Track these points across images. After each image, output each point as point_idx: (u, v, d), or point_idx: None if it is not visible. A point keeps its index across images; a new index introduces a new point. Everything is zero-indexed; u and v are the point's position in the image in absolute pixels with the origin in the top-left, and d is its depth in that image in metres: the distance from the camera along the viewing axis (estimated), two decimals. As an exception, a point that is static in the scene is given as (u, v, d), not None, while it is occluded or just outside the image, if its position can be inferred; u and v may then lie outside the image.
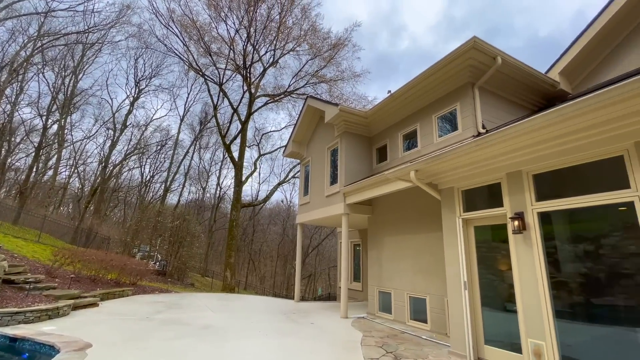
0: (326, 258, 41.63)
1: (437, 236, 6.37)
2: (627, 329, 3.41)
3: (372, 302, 8.44)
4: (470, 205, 5.19)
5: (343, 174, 8.77)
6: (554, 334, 3.83)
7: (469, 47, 5.67)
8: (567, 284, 3.98)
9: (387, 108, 8.24)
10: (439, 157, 4.92)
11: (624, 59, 6.20)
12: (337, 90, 20.71)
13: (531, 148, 4.09)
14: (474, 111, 6.09)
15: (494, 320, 4.80)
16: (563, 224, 4.11)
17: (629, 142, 3.36)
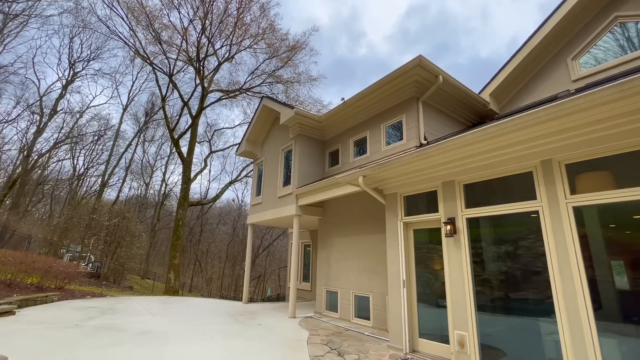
0: (277, 259, 41.39)
1: (381, 238, 6.79)
2: (534, 319, 3.99)
3: (319, 301, 8.68)
4: (411, 210, 5.66)
5: (296, 176, 8.90)
6: (475, 325, 4.36)
7: (415, 64, 6.18)
8: (489, 281, 4.55)
9: (340, 114, 8.56)
10: (384, 164, 5.29)
11: (539, 87, 7.26)
12: (294, 92, 20.83)
13: (462, 161, 4.61)
14: (417, 123, 6.63)
15: (428, 315, 5.29)
16: (488, 228, 4.69)
17: (536, 160, 3.98)
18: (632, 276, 3.61)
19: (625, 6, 6.28)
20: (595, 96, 3.04)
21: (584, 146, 3.60)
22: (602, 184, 3.61)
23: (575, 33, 6.87)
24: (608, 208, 3.59)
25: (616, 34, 6.48)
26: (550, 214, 3.79)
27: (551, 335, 3.73)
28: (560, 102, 3.27)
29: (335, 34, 74.22)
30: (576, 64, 6.80)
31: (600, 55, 6.65)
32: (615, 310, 3.56)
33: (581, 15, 6.72)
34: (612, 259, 3.75)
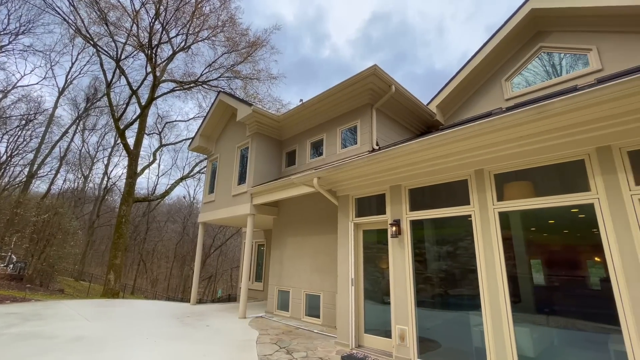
0: (229, 258, 40.21)
1: (334, 238, 7.00)
2: (465, 312, 4.40)
3: (271, 300, 8.67)
4: (361, 211, 5.93)
5: (252, 174, 8.79)
6: (415, 320, 4.71)
7: (370, 73, 6.48)
8: (430, 278, 4.93)
9: (299, 115, 8.64)
10: (338, 167, 5.48)
11: (479, 103, 8.05)
12: (253, 89, 20.46)
13: (408, 167, 4.95)
14: (371, 129, 6.96)
15: (374, 312, 5.58)
16: (430, 230, 5.08)
17: (471, 169, 4.42)
18: (547, 273, 4.18)
19: (548, 39, 7.23)
20: (518, 116, 3.48)
21: (510, 159, 4.09)
22: (524, 193, 4.12)
23: (508, 57, 7.73)
24: (529, 214, 4.10)
25: (543, 61, 7.40)
26: (480, 218, 4.23)
27: (478, 327, 4.16)
28: (490, 119, 3.69)
29: (300, 33, 74.34)
30: (509, 85, 7.65)
31: (530, 78, 7.55)
32: (531, 302, 4.09)
33: (513, 42, 7.60)
34: (531, 259, 4.30)
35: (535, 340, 3.85)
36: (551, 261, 4.19)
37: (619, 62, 6.09)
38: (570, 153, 3.64)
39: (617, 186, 3.27)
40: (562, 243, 4.10)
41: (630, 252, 3.10)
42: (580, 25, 6.76)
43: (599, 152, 3.42)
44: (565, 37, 6.99)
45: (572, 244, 3.94)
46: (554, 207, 3.78)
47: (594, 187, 3.42)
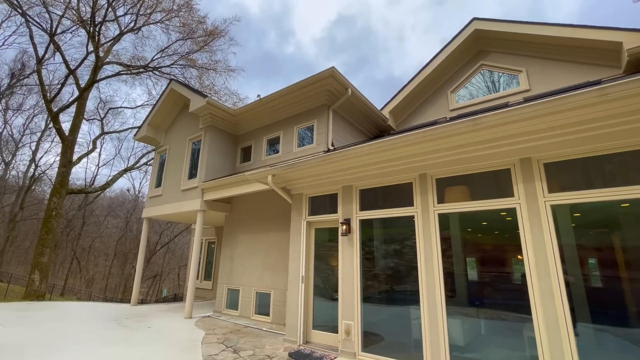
0: (177, 256, 38.15)
1: (286, 236, 7.01)
2: (407, 307, 4.69)
3: (220, 299, 8.44)
4: (314, 210, 6.02)
5: (204, 169, 8.45)
6: (360, 315, 4.91)
7: (328, 74, 6.61)
8: (377, 275, 5.17)
9: (256, 111, 8.50)
10: (292, 166, 5.51)
11: (427, 111, 8.63)
12: (209, 80, 19.59)
13: (360, 168, 5.15)
14: (327, 129, 7.09)
15: (323, 308, 5.71)
16: (379, 229, 5.33)
17: (416, 173, 4.73)
18: (480, 270, 4.62)
19: (488, 58, 7.99)
20: (457, 126, 3.80)
21: (450, 165, 4.45)
22: (462, 196, 4.51)
23: (454, 71, 8.40)
24: (465, 216, 4.50)
25: (485, 77, 8.13)
26: (422, 219, 4.55)
27: (417, 320, 4.46)
28: (433, 127, 3.99)
29: (265, 26, 72.82)
30: (454, 97, 8.31)
31: (472, 92, 8.25)
32: (464, 297, 4.49)
33: (459, 58, 8.28)
34: (467, 257, 4.72)
35: (466, 331, 4.25)
36: (483, 259, 4.65)
37: (544, 84, 6.95)
38: (500, 162, 4.07)
39: (534, 193, 3.73)
40: (493, 243, 4.57)
41: (542, 250, 3.57)
42: (514, 48, 7.58)
43: (522, 162, 3.88)
44: (502, 57, 7.77)
45: (501, 244, 4.41)
46: (486, 210, 4.19)
47: (517, 193, 3.87)
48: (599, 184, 3.51)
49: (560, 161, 3.71)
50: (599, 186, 3.49)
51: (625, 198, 3.32)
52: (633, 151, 3.33)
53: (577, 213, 3.71)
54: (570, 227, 3.70)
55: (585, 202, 3.52)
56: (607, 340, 3.36)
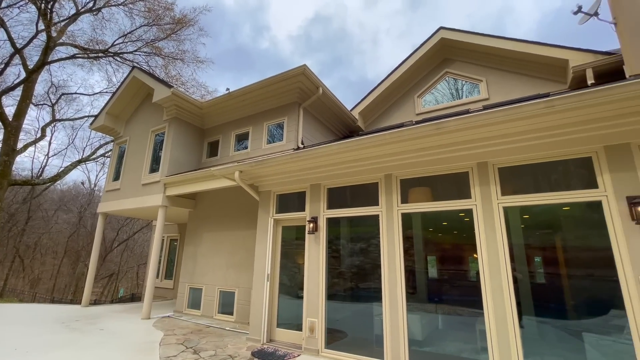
0: (137, 254, 36.12)
1: (252, 234, 6.91)
2: (370, 304, 4.79)
3: (181, 299, 8.13)
4: (282, 207, 5.99)
5: (167, 162, 8.08)
6: (324, 312, 4.96)
7: (300, 72, 6.59)
8: (343, 273, 5.25)
9: (224, 105, 8.27)
10: (261, 162, 5.43)
11: (395, 114, 8.90)
12: (175, 71, 18.71)
13: (328, 167, 5.19)
14: (297, 127, 7.07)
15: (288, 306, 5.70)
16: (346, 228, 5.40)
17: (382, 174, 4.86)
18: (440, 268, 4.84)
19: (453, 66, 8.39)
20: (421, 129, 3.96)
21: (414, 167, 4.62)
22: (424, 197, 4.70)
23: (421, 77, 8.73)
24: (427, 215, 4.69)
25: (450, 84, 8.52)
26: (387, 218, 4.69)
27: (379, 316, 4.59)
28: (399, 130, 4.12)
29: (239, 19, 70.82)
30: (420, 101, 8.64)
31: (438, 97, 8.61)
32: (424, 293, 4.69)
33: (426, 64, 8.62)
34: (428, 255, 4.92)
35: (424, 326, 4.44)
36: (443, 257, 4.88)
37: (501, 94, 7.43)
38: (459, 165, 4.29)
39: (489, 195, 3.98)
40: (452, 242, 4.81)
41: (494, 249, 3.82)
42: (476, 59, 8.02)
43: (479, 166, 4.12)
44: (466, 67, 8.20)
45: (459, 243, 4.65)
46: (447, 211, 4.41)
47: (474, 195, 4.10)
48: (546, 189, 3.82)
49: (512, 166, 3.99)
50: (545, 190, 3.80)
51: (567, 202, 3.64)
52: (575, 159, 3.66)
53: (526, 215, 4.02)
54: (519, 227, 3.99)
55: (533, 204, 3.82)
56: (548, 331, 3.67)
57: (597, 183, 3.44)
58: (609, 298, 3.30)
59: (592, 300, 3.58)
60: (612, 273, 3.22)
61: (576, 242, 3.84)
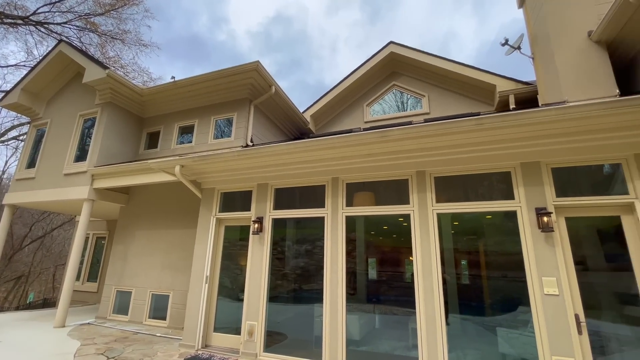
0: (55, 254, 31.74)
1: (192, 233, 6.53)
2: (312, 305, 4.80)
3: (106, 303, 7.34)
4: (226, 206, 5.75)
5: (97, 151, 7.26)
6: (265, 315, 4.86)
7: (252, 68, 6.43)
8: (287, 275, 5.19)
9: (168, 94, 7.71)
10: (205, 158, 5.16)
11: (345, 120, 9.20)
12: (114, 51, 16.95)
13: (277, 167, 5.13)
14: (247, 124, 6.88)
15: (228, 309, 5.47)
16: (291, 229, 5.37)
17: (329, 176, 4.94)
18: (379, 269, 5.05)
19: (400, 80, 8.95)
20: (367, 136, 4.12)
21: (360, 171, 4.78)
22: (368, 201, 4.88)
23: (371, 87, 9.16)
24: (370, 219, 4.88)
25: (396, 96, 9.03)
26: (332, 220, 4.78)
27: (320, 317, 4.64)
28: (346, 135, 4.24)
29: (196, 7, 66.64)
30: (368, 110, 9.04)
31: (385, 108, 9.07)
32: (364, 294, 4.85)
33: (375, 75, 9.07)
34: (369, 257, 5.11)
35: (362, 326, 4.60)
36: (382, 259, 5.11)
37: (440, 110, 8.11)
38: (401, 173, 4.55)
39: (425, 202, 4.29)
40: (391, 245, 5.06)
41: (427, 252, 4.12)
42: (421, 75, 8.65)
43: (418, 174, 4.42)
44: (411, 81, 8.78)
45: (398, 246, 4.91)
46: (388, 215, 4.63)
47: (412, 201, 4.38)
48: (473, 198, 4.23)
49: (446, 176, 4.35)
50: (473, 199, 4.21)
51: (490, 211, 4.08)
52: (498, 173, 4.11)
53: (456, 222, 4.40)
54: (450, 233, 4.36)
55: (462, 212, 4.21)
56: (469, 327, 4.06)
57: (514, 195, 3.91)
58: (518, 296, 3.76)
59: (505, 298, 4.05)
60: (521, 274, 3.67)
61: (495, 247, 4.31)
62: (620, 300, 3.51)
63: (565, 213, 3.70)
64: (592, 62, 5.39)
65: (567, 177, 3.82)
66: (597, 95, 5.10)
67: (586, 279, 3.52)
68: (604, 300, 3.57)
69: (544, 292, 3.48)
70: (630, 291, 3.35)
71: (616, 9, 4.77)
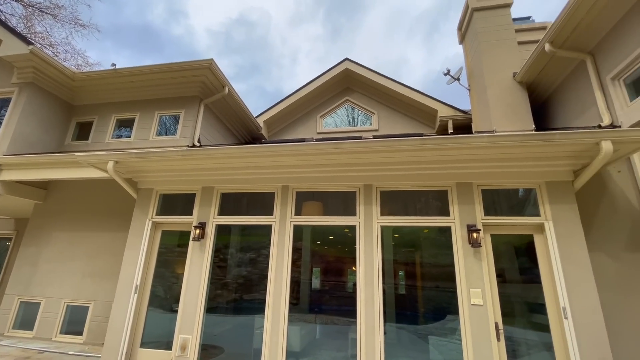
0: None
1: (124, 236, 5.91)
2: (253, 316, 4.63)
3: (4, 317, 6.24)
4: (165, 209, 5.33)
5: (8, 138, 6.25)
6: (201, 327, 4.54)
7: (205, 66, 6.16)
8: (228, 284, 4.94)
9: (107, 82, 6.99)
10: (146, 155, 4.75)
11: (299, 128, 9.29)
12: (43, 27, 14.96)
13: (225, 171, 4.92)
14: (195, 123, 6.52)
15: (159, 322, 5.00)
16: (237, 236, 5.16)
17: (279, 184, 4.89)
18: (323, 279, 5.08)
19: (352, 96, 9.38)
20: (320, 146, 4.18)
21: (311, 181, 4.80)
22: (317, 211, 4.91)
23: (325, 99, 9.45)
24: (317, 229, 4.91)
25: (348, 111, 9.37)
26: (279, 229, 4.70)
27: (260, 329, 4.49)
28: (298, 144, 4.26)
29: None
30: (322, 121, 9.26)
31: (337, 121, 9.34)
32: (307, 304, 4.83)
33: (329, 89, 9.40)
34: (314, 266, 5.12)
35: (303, 336, 4.55)
36: (327, 269, 5.16)
37: (388, 128, 8.64)
38: (349, 185, 4.68)
39: (370, 214, 4.46)
40: (336, 255, 5.14)
41: (370, 263, 4.26)
42: (372, 93, 9.16)
43: (365, 188, 4.59)
44: (363, 98, 9.22)
45: (342, 256, 5.00)
46: (335, 225, 4.71)
47: (359, 213, 4.52)
48: (414, 213, 4.52)
49: (391, 191, 4.58)
50: (413, 214, 4.50)
51: (428, 225, 4.39)
52: (436, 191, 4.46)
53: (397, 234, 4.65)
54: (391, 245, 4.58)
55: (403, 225, 4.45)
56: (404, 336, 4.26)
57: (450, 212, 4.27)
58: (448, 306, 4.07)
59: (437, 307, 4.36)
60: (452, 285, 3.98)
61: (430, 259, 4.64)
62: (530, 309, 4.00)
63: (491, 230, 4.13)
64: (515, 99, 6.21)
65: (494, 198, 4.29)
66: (518, 128, 5.87)
67: (504, 290, 3.95)
68: (517, 309, 4.03)
69: (471, 303, 3.81)
70: (538, 301, 3.84)
71: (535, 57, 5.59)
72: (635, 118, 4.19)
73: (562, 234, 3.83)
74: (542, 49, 5.25)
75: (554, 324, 3.68)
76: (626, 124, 4.32)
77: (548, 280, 3.82)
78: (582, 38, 4.92)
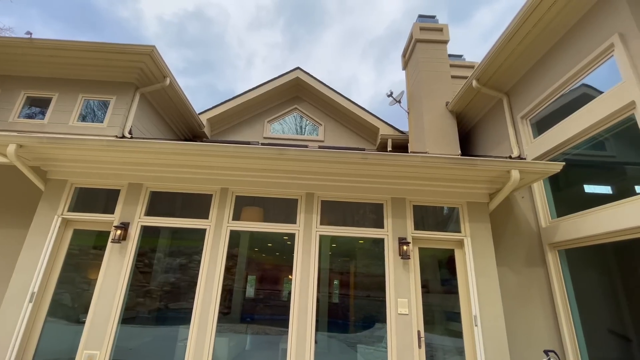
0: None
1: (23, 234, 5.01)
2: (177, 327, 4.26)
3: None
4: (80, 205, 4.67)
5: None
6: (112, 341, 4.00)
7: (146, 52, 5.65)
8: (152, 292, 4.47)
9: (18, 52, 5.96)
10: (61, 141, 4.14)
11: (244, 131, 9.08)
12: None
13: (157, 167, 4.52)
14: (127, 112, 5.90)
15: (60, 335, 4.28)
16: (166, 239, 4.73)
17: (218, 186, 4.65)
18: (258, 287, 4.91)
19: (302, 105, 9.52)
20: (265, 151, 4.10)
21: (253, 185, 4.67)
22: (256, 217, 4.77)
23: (274, 105, 9.42)
24: (255, 235, 4.76)
25: (296, 120, 9.42)
26: (214, 234, 4.44)
27: (184, 341, 4.14)
28: (241, 146, 4.13)
29: None
30: (269, 126, 9.18)
31: (285, 128, 9.32)
32: (238, 313, 4.60)
33: (279, 95, 9.40)
34: (249, 274, 4.93)
35: (231, 348, 4.32)
36: (262, 277, 5.02)
37: (333, 141, 8.93)
38: (292, 192, 4.67)
39: (310, 223, 4.48)
40: (274, 263, 5.04)
41: (307, 272, 4.26)
42: (320, 105, 9.38)
43: (307, 196, 4.62)
44: (312, 109, 9.41)
45: (280, 264, 4.92)
46: (274, 233, 4.61)
47: (299, 221, 4.51)
48: (351, 223, 4.68)
49: (332, 201, 4.69)
50: (351, 225, 4.65)
51: (364, 236, 4.57)
52: (373, 204, 4.68)
53: (334, 244, 4.75)
54: (328, 254, 4.65)
55: (341, 235, 4.57)
56: (334, 345, 4.32)
57: (384, 224, 4.50)
58: (377, 314, 4.25)
59: (367, 316, 4.53)
60: (382, 295, 4.18)
61: (363, 269, 4.83)
62: (447, 317, 4.39)
63: (419, 244, 4.46)
64: (446, 126, 6.91)
65: (422, 214, 4.66)
66: (447, 152, 6.52)
67: (426, 300, 4.27)
68: (436, 317, 4.39)
69: (398, 312, 4.04)
70: (455, 310, 4.23)
71: (464, 90, 6.32)
72: (537, 152, 4.98)
73: (478, 249, 4.31)
74: (470, 84, 5.97)
75: (467, 331, 4.08)
76: (530, 157, 5.10)
77: (464, 291, 4.25)
78: (502, 79, 5.73)
